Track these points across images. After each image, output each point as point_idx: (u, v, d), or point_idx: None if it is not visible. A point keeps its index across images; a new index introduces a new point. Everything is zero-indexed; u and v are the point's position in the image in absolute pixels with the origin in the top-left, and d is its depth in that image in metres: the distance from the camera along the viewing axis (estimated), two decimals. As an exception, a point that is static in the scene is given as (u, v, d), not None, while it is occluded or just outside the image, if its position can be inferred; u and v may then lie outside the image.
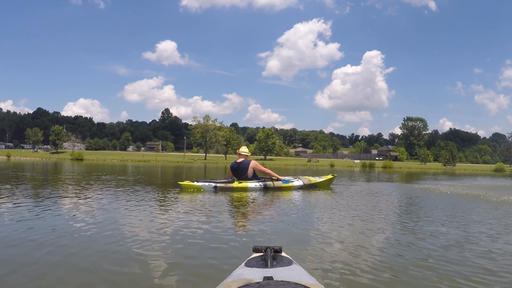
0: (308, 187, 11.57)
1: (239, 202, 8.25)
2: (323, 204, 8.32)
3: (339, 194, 10.55)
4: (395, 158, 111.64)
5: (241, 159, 11.09)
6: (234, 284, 1.61)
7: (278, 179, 11.19)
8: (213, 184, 10.28)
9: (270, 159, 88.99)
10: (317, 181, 12.11)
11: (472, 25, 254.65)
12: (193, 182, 10.39)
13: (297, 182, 11.50)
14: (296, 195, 10.04)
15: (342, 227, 5.57)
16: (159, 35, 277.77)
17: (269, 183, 10.94)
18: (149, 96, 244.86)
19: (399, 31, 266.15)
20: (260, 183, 10.81)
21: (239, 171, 10.94)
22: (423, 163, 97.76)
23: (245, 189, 10.44)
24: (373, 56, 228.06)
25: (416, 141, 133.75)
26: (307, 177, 12.38)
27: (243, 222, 6.01)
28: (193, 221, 5.60)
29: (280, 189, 10.97)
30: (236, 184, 10.55)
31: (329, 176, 12.82)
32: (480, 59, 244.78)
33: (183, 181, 10.56)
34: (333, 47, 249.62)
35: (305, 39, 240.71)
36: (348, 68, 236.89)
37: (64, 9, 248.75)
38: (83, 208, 6.68)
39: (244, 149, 11.44)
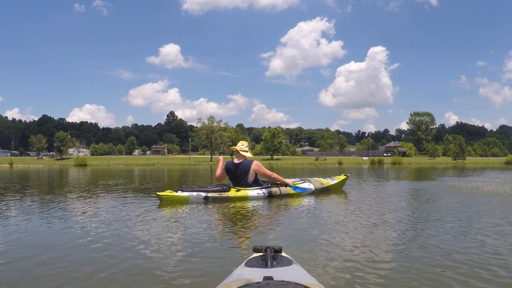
0: (319, 191, 9.84)
1: (237, 213, 6.78)
2: (329, 205, 7.79)
3: (349, 195, 9.60)
4: (403, 154, 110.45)
5: (239, 159, 8.91)
6: (234, 284, 1.62)
7: (286, 185, 9.17)
8: (203, 194, 8.10)
9: (277, 159, 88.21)
10: (330, 183, 10.28)
11: (473, 18, 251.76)
12: (177, 191, 8.20)
13: (308, 188, 9.59)
14: (302, 198, 8.87)
15: (346, 229, 5.21)
16: (162, 39, 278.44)
17: (275, 189, 8.93)
18: (154, 99, 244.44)
19: (402, 27, 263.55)
20: (264, 190, 8.76)
21: (237, 175, 8.78)
22: (432, 158, 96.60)
23: (244, 199, 8.37)
24: (378, 52, 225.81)
25: (424, 136, 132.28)
26: (317, 179, 10.36)
27: (243, 223, 5.70)
28: (193, 224, 5.44)
29: (288, 195, 9.08)
30: (233, 192, 8.38)
31: (342, 177, 11.02)
32: (483, 52, 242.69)
33: (163, 191, 8.23)
34: (336, 45, 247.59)
35: (308, 37, 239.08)
36: (352, 65, 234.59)
37: (68, 16, 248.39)
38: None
39: (243, 146, 9.15)
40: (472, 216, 6.12)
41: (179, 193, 8.11)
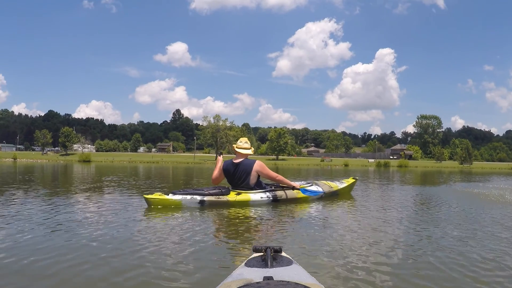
0: (328, 195, 9.05)
1: (236, 215, 6.30)
2: (332, 208, 7.57)
3: (354, 198, 9.28)
4: (410, 157, 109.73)
5: (239, 159, 7.93)
6: (234, 284, 1.63)
7: (293, 188, 8.28)
8: (198, 198, 7.16)
9: (283, 159, 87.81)
10: (339, 187, 9.53)
11: (481, 22, 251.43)
12: (168, 195, 7.16)
13: (317, 191, 8.78)
14: (306, 201, 8.36)
15: (347, 231, 5.18)
16: (170, 37, 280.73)
17: (280, 193, 8.00)
18: (160, 97, 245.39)
19: (410, 29, 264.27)
20: (268, 193, 7.82)
21: (237, 176, 7.79)
22: (439, 161, 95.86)
23: (246, 203, 7.47)
24: (386, 54, 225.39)
25: (430, 139, 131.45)
26: (326, 182, 9.53)
27: (242, 224, 5.57)
28: (191, 225, 5.35)
29: (294, 199, 8.20)
30: (232, 196, 7.44)
31: (351, 180, 10.28)
32: (490, 56, 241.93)
33: (152, 194, 7.18)
34: (344, 46, 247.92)
35: (316, 38, 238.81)
36: (359, 67, 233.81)
37: (76, 13, 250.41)
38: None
39: (244, 143, 8.14)
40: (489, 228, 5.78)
41: (170, 196, 7.13)
